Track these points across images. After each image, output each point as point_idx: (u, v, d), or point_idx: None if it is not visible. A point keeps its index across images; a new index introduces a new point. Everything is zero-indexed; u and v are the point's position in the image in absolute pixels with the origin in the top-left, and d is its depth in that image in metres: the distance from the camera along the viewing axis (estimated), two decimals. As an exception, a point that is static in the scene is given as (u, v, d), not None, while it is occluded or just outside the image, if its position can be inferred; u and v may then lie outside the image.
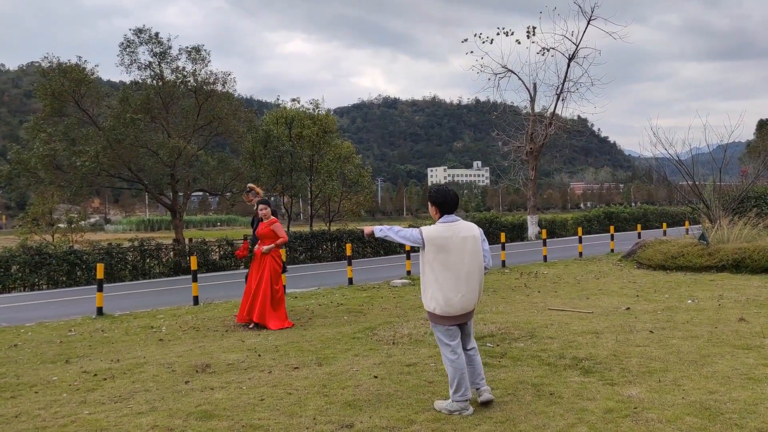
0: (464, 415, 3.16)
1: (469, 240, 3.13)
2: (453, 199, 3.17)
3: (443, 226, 3.15)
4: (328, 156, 21.52)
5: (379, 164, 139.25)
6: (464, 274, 3.10)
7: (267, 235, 6.13)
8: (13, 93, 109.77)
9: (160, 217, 60.16)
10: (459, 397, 3.16)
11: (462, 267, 3.10)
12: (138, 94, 18.46)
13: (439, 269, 3.11)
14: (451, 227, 3.13)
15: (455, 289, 3.09)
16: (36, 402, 3.80)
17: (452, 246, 3.10)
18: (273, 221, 6.21)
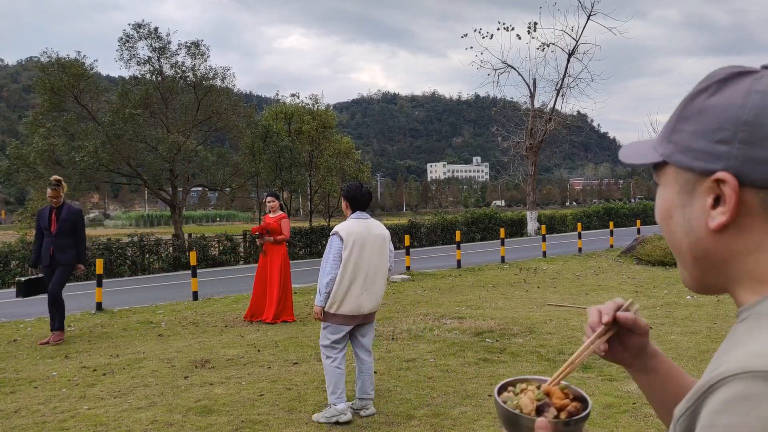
0: (342, 420, 3.08)
1: (379, 238, 3.22)
2: (365, 197, 3.26)
3: (356, 221, 3.22)
4: (328, 151, 21.46)
5: (378, 160, 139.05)
6: (372, 271, 3.16)
7: (276, 230, 6.14)
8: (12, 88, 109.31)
9: (160, 212, 60.10)
10: (336, 399, 3.13)
11: (371, 263, 3.17)
12: (137, 90, 18.37)
13: (351, 266, 3.13)
14: (364, 223, 3.22)
15: (363, 286, 3.14)
16: (35, 397, 3.80)
17: (366, 244, 3.17)
18: (282, 216, 6.22)
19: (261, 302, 6.19)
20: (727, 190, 0.47)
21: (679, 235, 0.51)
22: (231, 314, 6.74)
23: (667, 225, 0.52)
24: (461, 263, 10.96)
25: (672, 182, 0.51)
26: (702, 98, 0.50)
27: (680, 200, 0.50)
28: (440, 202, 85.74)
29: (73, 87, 16.98)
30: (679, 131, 0.51)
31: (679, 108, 0.52)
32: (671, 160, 0.51)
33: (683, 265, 0.53)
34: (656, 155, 0.53)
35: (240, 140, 20.03)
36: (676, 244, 0.52)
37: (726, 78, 0.49)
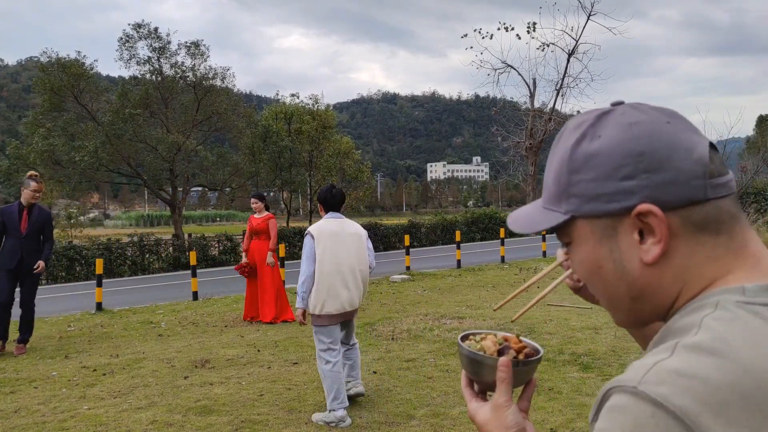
0: (341, 426, 3.09)
1: (354, 236, 3.29)
2: (336, 198, 3.36)
3: (329, 221, 3.29)
4: (328, 151, 21.46)
5: (378, 160, 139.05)
6: (349, 268, 3.21)
7: (264, 231, 6.09)
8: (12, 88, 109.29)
9: (160, 212, 60.09)
10: (338, 405, 3.12)
11: (349, 261, 3.21)
12: (137, 89, 18.36)
13: (327, 263, 3.16)
14: (337, 222, 3.29)
15: (343, 285, 3.18)
16: (35, 397, 3.80)
17: (340, 241, 3.22)
18: (269, 216, 6.14)
19: (255, 302, 6.17)
20: (653, 219, 0.47)
21: (613, 281, 0.50)
22: (231, 314, 6.73)
23: (598, 278, 0.51)
24: (461, 263, 10.96)
25: (588, 235, 0.50)
26: (584, 146, 0.50)
27: (605, 248, 0.49)
28: (440, 202, 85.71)
29: (73, 87, 16.97)
30: (577, 183, 0.50)
31: (563, 163, 0.51)
32: (581, 212, 0.50)
33: (619, 310, 0.52)
34: (559, 216, 0.51)
35: (240, 140, 20.03)
36: (611, 292, 0.51)
37: (595, 122, 0.50)
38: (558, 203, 0.51)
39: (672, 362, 0.41)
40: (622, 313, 0.52)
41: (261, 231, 6.08)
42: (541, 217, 0.53)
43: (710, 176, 0.47)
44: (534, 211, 0.55)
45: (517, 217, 0.57)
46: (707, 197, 0.47)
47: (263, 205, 6.13)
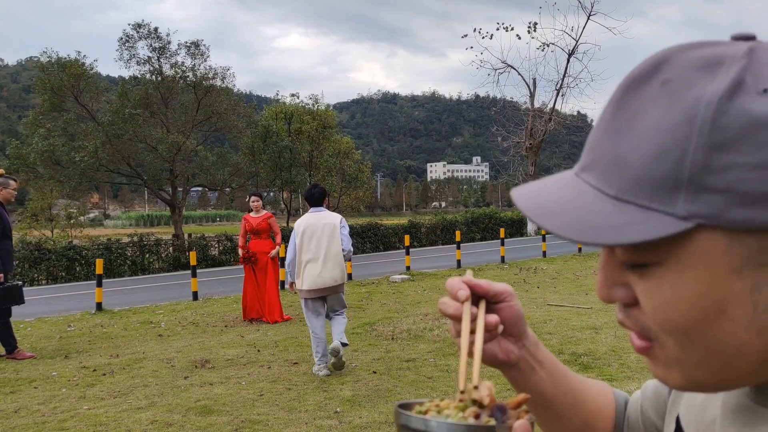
0: (321, 374, 3.99)
1: (328, 226, 4.04)
2: (315, 196, 4.14)
3: (309, 215, 4.14)
4: (328, 151, 21.46)
5: (378, 160, 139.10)
6: (324, 253, 3.97)
7: (264, 230, 6.10)
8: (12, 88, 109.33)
9: (160, 212, 60.10)
10: (319, 361, 4.03)
11: (321, 246, 3.98)
12: (137, 89, 18.36)
13: (305, 252, 3.98)
14: (316, 216, 4.09)
15: (321, 268, 3.96)
16: (35, 397, 3.80)
17: (316, 230, 4.02)
18: (269, 215, 6.17)
19: (254, 301, 6.16)
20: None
21: (742, 337, 0.31)
22: (231, 314, 6.73)
23: (711, 327, 0.31)
24: (461, 263, 10.96)
25: (717, 258, 0.30)
26: (746, 103, 0.29)
27: (744, 283, 0.30)
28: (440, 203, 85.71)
29: (73, 87, 16.98)
30: (726, 168, 0.29)
31: (689, 128, 0.29)
32: (723, 220, 0.29)
33: (721, 371, 0.33)
34: (671, 222, 0.30)
35: (240, 140, 20.03)
36: (728, 350, 0.32)
37: (749, 64, 0.30)
38: (669, 197, 0.30)
39: None
40: (722, 375, 0.33)
41: (262, 230, 6.07)
42: (621, 218, 0.31)
43: None
44: (593, 203, 0.32)
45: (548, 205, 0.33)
46: None
47: (261, 204, 6.16)
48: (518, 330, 0.47)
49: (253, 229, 6.08)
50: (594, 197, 0.32)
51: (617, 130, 0.32)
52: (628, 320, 0.35)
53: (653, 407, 0.50)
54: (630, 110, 0.32)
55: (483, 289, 0.45)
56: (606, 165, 0.32)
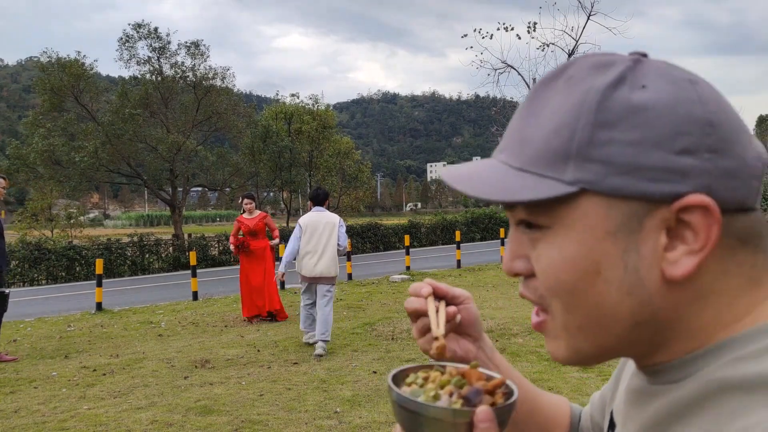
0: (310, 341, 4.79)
1: (328, 225, 4.72)
2: (319, 197, 4.85)
3: (313, 214, 4.80)
4: (328, 151, 21.46)
5: (378, 160, 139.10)
6: (321, 247, 4.66)
7: (261, 230, 6.12)
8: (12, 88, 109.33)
9: (160, 212, 60.09)
10: (306, 329, 4.87)
11: (321, 241, 4.66)
12: (137, 89, 18.36)
13: (306, 244, 4.67)
14: (318, 215, 4.76)
15: (317, 259, 4.65)
16: (35, 397, 3.80)
17: (317, 228, 4.69)
18: (264, 215, 6.20)
19: (252, 300, 6.14)
20: (701, 219, 0.33)
21: (614, 296, 0.35)
22: (231, 314, 6.73)
23: (588, 287, 0.35)
24: (461, 263, 10.96)
25: (597, 222, 0.34)
26: (625, 93, 0.34)
27: (618, 246, 0.34)
28: (440, 202, 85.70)
29: (73, 87, 16.97)
30: (606, 143, 0.34)
31: (582, 110, 0.34)
32: (602, 187, 0.34)
33: (599, 336, 0.36)
34: (559, 185, 0.34)
35: (240, 140, 20.02)
36: (603, 311, 0.35)
37: (633, 65, 0.35)
38: (560, 166, 0.35)
39: None
40: (600, 340, 0.36)
41: (258, 230, 6.10)
42: (519, 183, 0.35)
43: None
44: (499, 173, 0.37)
45: (465, 175, 0.38)
46: (755, 205, 0.35)
47: (254, 206, 6.20)
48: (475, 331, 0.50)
49: (249, 230, 6.08)
50: (501, 169, 0.37)
51: (526, 117, 0.37)
52: (527, 291, 0.39)
53: (600, 414, 0.53)
54: (539, 101, 0.37)
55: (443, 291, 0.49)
56: (514, 144, 0.37)
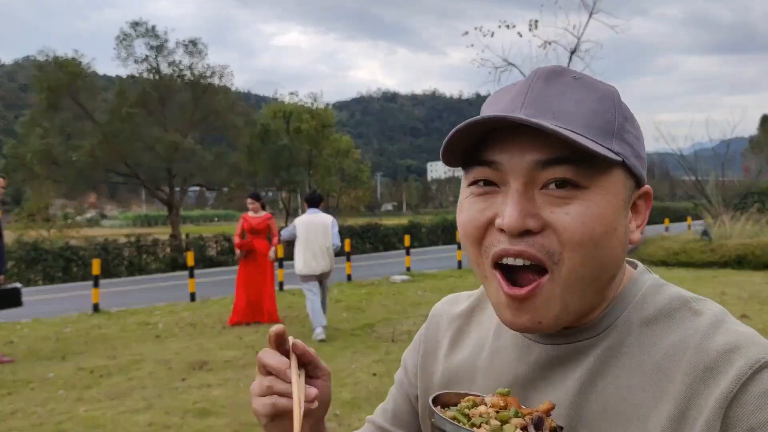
0: (317, 338, 4.99)
1: (322, 225, 5.10)
2: (314, 199, 5.33)
3: (308, 215, 5.20)
4: (327, 150, 21.42)
5: (378, 159, 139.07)
6: (318, 247, 5.05)
7: (263, 230, 6.07)
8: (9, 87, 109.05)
9: (157, 212, 59.94)
10: (317, 324, 5.07)
11: (317, 242, 5.05)
12: (134, 88, 18.29)
13: (303, 244, 5.03)
14: (313, 216, 5.15)
15: (313, 257, 5.04)
16: (32, 399, 3.76)
17: (312, 228, 5.06)
18: (268, 216, 6.16)
19: (247, 306, 6.06)
20: (646, 203, 0.48)
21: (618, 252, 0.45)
22: (229, 316, 6.69)
23: (608, 240, 0.44)
24: (462, 263, 10.93)
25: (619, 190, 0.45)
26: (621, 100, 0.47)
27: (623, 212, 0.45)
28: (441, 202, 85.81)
29: (70, 86, 16.89)
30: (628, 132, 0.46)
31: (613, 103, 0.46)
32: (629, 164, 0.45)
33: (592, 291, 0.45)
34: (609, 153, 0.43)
35: (238, 139, 19.96)
36: (609, 264, 0.45)
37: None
38: (608, 140, 0.44)
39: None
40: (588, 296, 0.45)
41: (260, 230, 6.06)
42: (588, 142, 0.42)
43: None
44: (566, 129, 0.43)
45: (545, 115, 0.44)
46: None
47: (260, 205, 6.15)
48: (322, 412, 0.51)
49: (252, 228, 6.06)
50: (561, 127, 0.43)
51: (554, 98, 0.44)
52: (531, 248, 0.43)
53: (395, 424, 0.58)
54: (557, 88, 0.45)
55: (310, 357, 0.49)
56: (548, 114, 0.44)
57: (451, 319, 0.57)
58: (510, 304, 0.44)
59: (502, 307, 0.45)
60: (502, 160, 0.44)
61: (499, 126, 0.43)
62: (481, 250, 0.45)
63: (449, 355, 0.55)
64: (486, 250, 0.45)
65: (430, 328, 0.59)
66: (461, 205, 0.48)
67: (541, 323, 0.44)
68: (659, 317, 0.45)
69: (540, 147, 0.43)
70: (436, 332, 0.57)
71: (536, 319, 0.44)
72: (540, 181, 0.43)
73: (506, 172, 0.44)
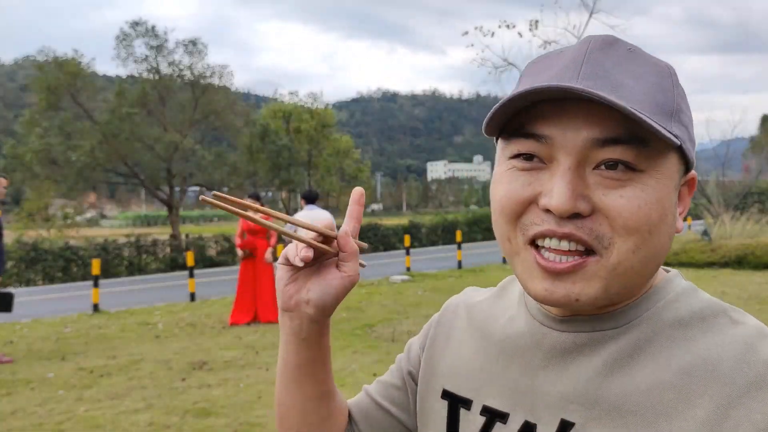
0: None
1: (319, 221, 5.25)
2: (311, 195, 5.53)
3: (306, 211, 5.35)
4: (327, 150, 21.43)
5: (378, 159, 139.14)
6: None
7: (261, 230, 6.07)
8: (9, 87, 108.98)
9: (157, 212, 59.93)
10: None
11: None
12: (134, 88, 18.27)
13: None
14: (310, 212, 5.30)
15: None
16: (32, 399, 3.75)
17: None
18: (267, 217, 6.18)
19: (246, 305, 6.10)
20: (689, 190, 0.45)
21: (667, 241, 0.43)
22: (229, 315, 6.69)
23: (661, 227, 0.41)
24: (462, 264, 10.93)
25: (673, 174, 0.42)
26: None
27: (675, 197, 0.43)
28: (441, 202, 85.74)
29: (70, 85, 16.88)
30: (684, 113, 0.43)
31: (671, 82, 0.42)
32: (684, 148, 0.42)
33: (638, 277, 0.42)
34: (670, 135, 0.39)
35: (238, 139, 19.95)
36: (659, 253, 0.42)
37: None
38: (667, 121, 0.41)
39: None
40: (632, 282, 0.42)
41: (259, 231, 6.06)
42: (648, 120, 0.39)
43: None
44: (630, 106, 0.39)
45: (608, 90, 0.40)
46: None
47: (260, 205, 6.16)
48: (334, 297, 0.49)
49: (250, 229, 6.06)
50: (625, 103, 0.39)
51: (612, 70, 0.41)
52: (579, 231, 0.40)
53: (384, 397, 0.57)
54: (613, 60, 0.41)
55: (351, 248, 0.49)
56: (616, 88, 0.40)
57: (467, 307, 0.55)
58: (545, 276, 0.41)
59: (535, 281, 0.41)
60: (553, 135, 0.40)
61: (550, 97, 0.39)
62: (517, 226, 0.42)
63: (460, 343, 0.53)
64: (523, 227, 0.42)
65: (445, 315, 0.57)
66: (499, 177, 0.44)
67: (578, 300, 0.41)
68: (694, 320, 0.43)
69: (597, 123, 0.39)
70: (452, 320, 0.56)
71: (573, 296, 0.40)
72: (593, 161, 0.40)
73: (556, 148, 0.40)
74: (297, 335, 0.50)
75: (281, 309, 0.51)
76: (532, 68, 0.44)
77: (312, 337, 0.51)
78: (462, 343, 0.52)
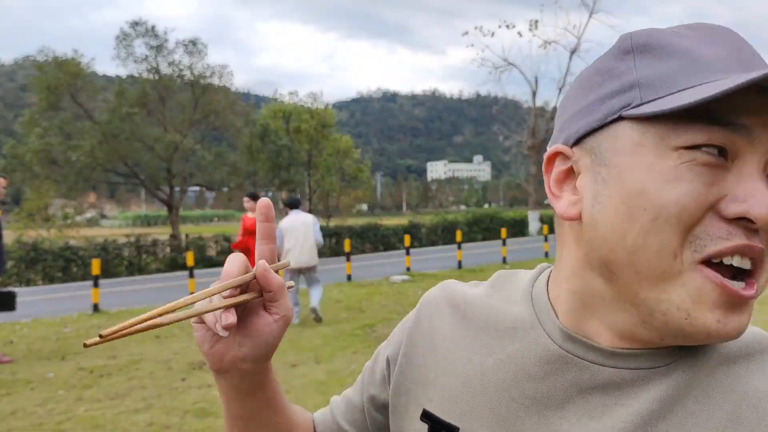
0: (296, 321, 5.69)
1: (305, 224, 5.64)
2: (294, 202, 5.94)
3: (291, 217, 5.70)
4: (327, 150, 21.42)
5: (378, 159, 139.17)
6: (301, 244, 5.58)
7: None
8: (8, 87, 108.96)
9: (157, 212, 59.94)
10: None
11: (299, 239, 5.59)
12: (134, 88, 18.27)
13: (288, 242, 5.56)
14: (296, 217, 5.67)
15: (298, 253, 5.54)
16: (32, 399, 3.75)
17: (295, 228, 5.62)
18: None
19: None
20: None
21: None
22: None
23: None
24: (462, 264, 10.93)
25: None
26: None
27: None
28: (441, 202, 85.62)
29: (70, 85, 16.88)
30: None
31: None
32: None
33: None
34: None
35: (238, 139, 19.95)
36: None
37: None
38: None
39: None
40: None
41: (255, 231, 6.05)
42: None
43: None
44: None
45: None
46: None
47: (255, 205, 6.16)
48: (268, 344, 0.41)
49: (248, 229, 6.08)
50: None
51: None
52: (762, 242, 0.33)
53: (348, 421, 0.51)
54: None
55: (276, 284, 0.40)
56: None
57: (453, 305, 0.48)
58: (720, 304, 0.33)
59: (705, 310, 0.33)
60: (753, 125, 0.32)
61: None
62: (687, 238, 0.33)
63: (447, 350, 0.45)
64: (697, 241, 0.33)
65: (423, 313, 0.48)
66: (669, 172, 0.33)
67: (738, 335, 0.35)
68: (740, 356, 0.37)
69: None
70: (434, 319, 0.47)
71: (741, 329, 0.34)
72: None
73: (752, 143, 0.33)
74: (238, 390, 0.44)
75: (213, 371, 0.43)
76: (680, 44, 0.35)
77: (257, 385, 0.44)
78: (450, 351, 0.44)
